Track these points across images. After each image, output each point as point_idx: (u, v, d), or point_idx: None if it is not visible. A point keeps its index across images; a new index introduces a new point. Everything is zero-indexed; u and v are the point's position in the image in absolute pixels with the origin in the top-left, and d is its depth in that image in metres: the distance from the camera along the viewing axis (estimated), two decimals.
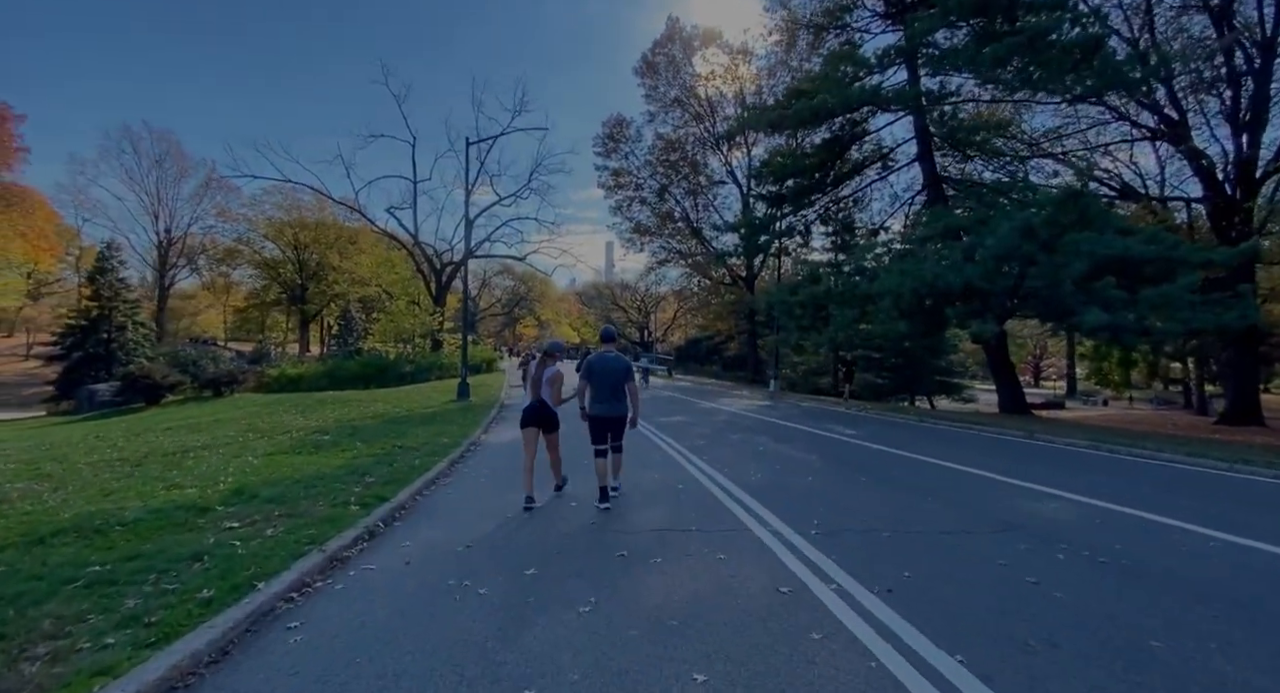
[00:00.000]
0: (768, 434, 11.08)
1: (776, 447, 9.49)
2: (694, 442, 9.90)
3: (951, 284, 12.07)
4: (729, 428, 12.03)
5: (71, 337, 29.93)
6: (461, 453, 8.76)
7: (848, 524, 4.97)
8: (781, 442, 10.10)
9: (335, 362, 32.05)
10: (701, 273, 37.20)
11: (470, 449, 9.38)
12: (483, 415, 13.82)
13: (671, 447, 9.42)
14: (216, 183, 54.26)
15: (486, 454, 8.95)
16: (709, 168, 36.57)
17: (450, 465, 7.81)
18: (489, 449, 9.44)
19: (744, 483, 6.63)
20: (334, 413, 13.74)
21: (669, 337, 62.45)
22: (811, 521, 5.06)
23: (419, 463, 7.52)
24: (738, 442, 10.05)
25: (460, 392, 17.57)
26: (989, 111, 19.19)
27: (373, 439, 9.63)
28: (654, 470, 7.52)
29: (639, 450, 9.05)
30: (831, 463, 8.02)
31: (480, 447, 9.72)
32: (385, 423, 11.97)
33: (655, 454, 8.76)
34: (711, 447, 9.43)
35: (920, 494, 6.07)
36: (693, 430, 11.48)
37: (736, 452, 8.95)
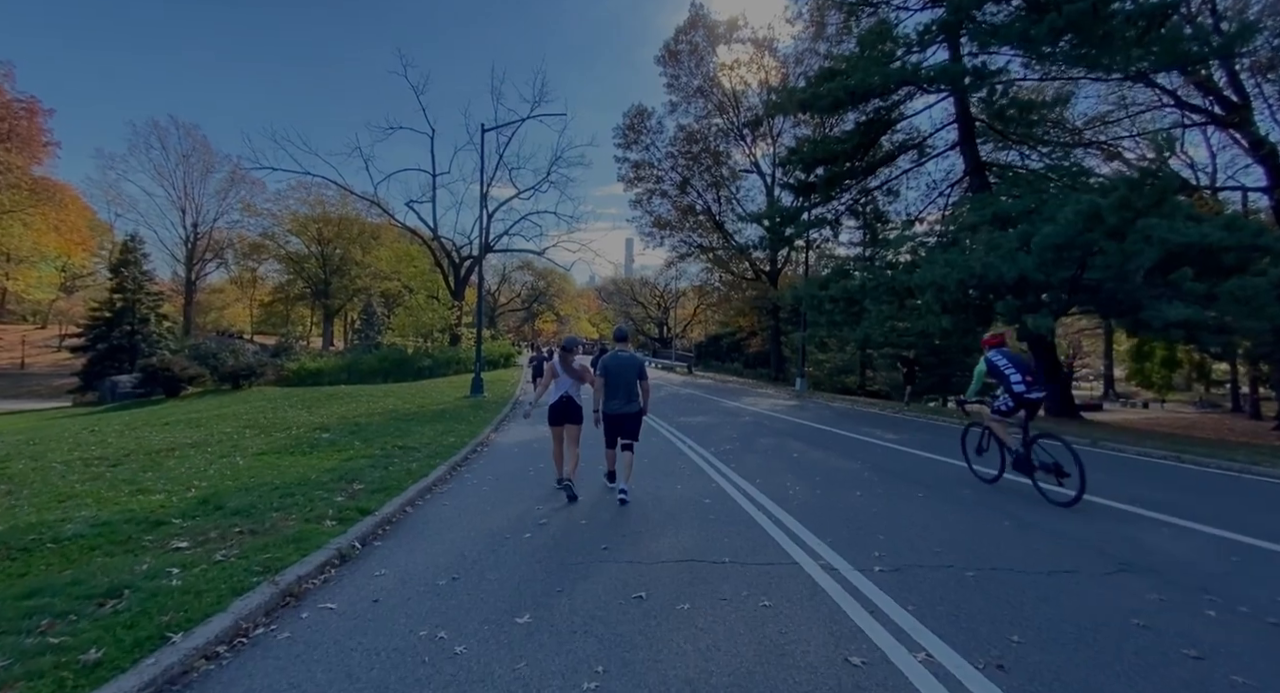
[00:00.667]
0: (801, 439, 10.12)
1: (813, 454, 8.53)
2: (720, 447, 9.00)
3: (1003, 275, 10.92)
4: (757, 431, 11.09)
5: (96, 329, 30.12)
6: (465, 456, 8.00)
7: (917, 557, 4.04)
8: (818, 448, 9.14)
9: (354, 356, 31.80)
10: (723, 268, 36.12)
11: (476, 451, 8.61)
12: (495, 413, 13.09)
13: (696, 452, 8.53)
14: (241, 177, 54.70)
15: (493, 457, 8.17)
16: (732, 159, 35.48)
17: (451, 470, 7.03)
18: (497, 452, 8.66)
19: (782, 499, 5.71)
20: (341, 409, 13.13)
21: (688, 333, 61.40)
22: (871, 552, 4.14)
23: (416, 467, 6.75)
24: (769, 448, 9.11)
25: (474, 387, 16.90)
26: (1035, 94, 17.83)
27: (374, 438, 8.92)
28: (677, 481, 6.64)
29: (660, 456, 8.18)
30: (880, 475, 7.05)
31: (488, 448, 8.95)
32: (391, 420, 11.30)
33: (678, 461, 7.87)
34: (740, 453, 8.51)
35: (995, 516, 5.09)
36: (718, 433, 10.58)
37: (769, 460, 8.02)
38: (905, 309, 14.95)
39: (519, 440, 9.74)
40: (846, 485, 6.36)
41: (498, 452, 8.67)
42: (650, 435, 10.18)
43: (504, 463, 7.74)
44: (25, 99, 42.74)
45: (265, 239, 60.34)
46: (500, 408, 14.13)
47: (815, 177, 19.15)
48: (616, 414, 5.78)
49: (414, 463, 7.00)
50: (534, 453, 8.36)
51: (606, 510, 5.33)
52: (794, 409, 15.49)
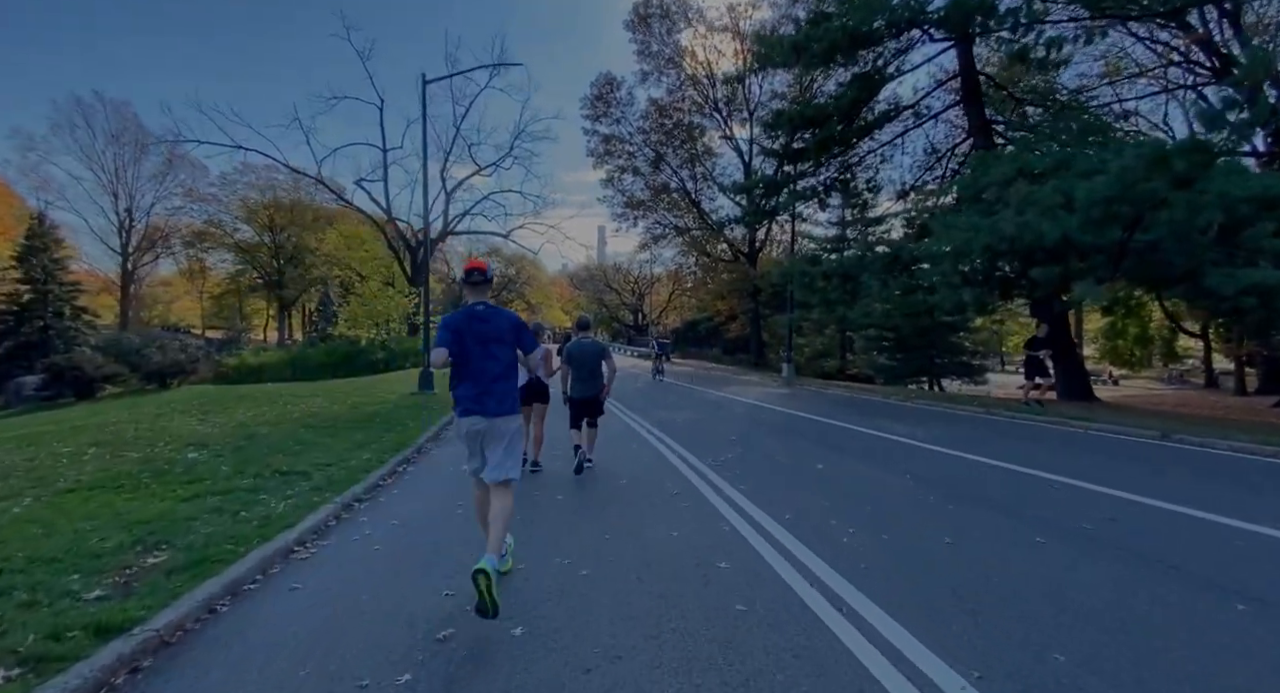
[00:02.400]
0: (811, 438, 8.12)
1: (839, 462, 6.52)
2: (719, 455, 6.92)
3: (1043, 237, 9.07)
4: (756, 428, 9.06)
5: (2, 324, 26.48)
6: (376, 482, 5.76)
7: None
8: (836, 451, 7.14)
9: (299, 350, 28.84)
10: (699, 249, 34.04)
11: (398, 472, 6.37)
12: (442, 413, 10.77)
13: (688, 463, 6.43)
14: (180, 160, 50.10)
15: (416, 483, 5.93)
16: (706, 135, 33.24)
17: (339, 512, 4.78)
18: (424, 473, 6.42)
19: (839, 556, 3.64)
20: (250, 412, 10.65)
21: (664, 319, 59.39)
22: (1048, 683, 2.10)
23: (281, 512, 4.49)
24: (779, 453, 7.08)
25: (422, 382, 14.50)
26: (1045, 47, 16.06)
27: (257, 458, 6.58)
28: (671, 519, 4.51)
29: (644, 472, 6.06)
30: (943, 495, 5.07)
31: (414, 467, 6.70)
32: (303, 428, 8.92)
33: (668, 481, 5.75)
34: (746, 464, 6.45)
35: (1182, 586, 3.14)
36: (711, 434, 8.51)
37: (786, 475, 5.98)
38: (912, 283, 13.06)
39: (459, 455, 7.50)
40: (913, 521, 4.34)
41: (425, 474, 6.43)
42: (629, 439, 8.05)
43: (426, 493, 5.52)
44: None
45: (211, 226, 55.83)
46: (449, 408, 11.82)
47: (803, 141, 17.11)
48: (581, 398, 6.20)
49: (283, 504, 4.73)
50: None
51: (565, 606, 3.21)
52: (786, 399, 13.55)
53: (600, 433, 6.62)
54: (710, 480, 5.66)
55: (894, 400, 13.19)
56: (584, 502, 5.07)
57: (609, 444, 7.68)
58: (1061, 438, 8.24)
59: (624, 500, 5.05)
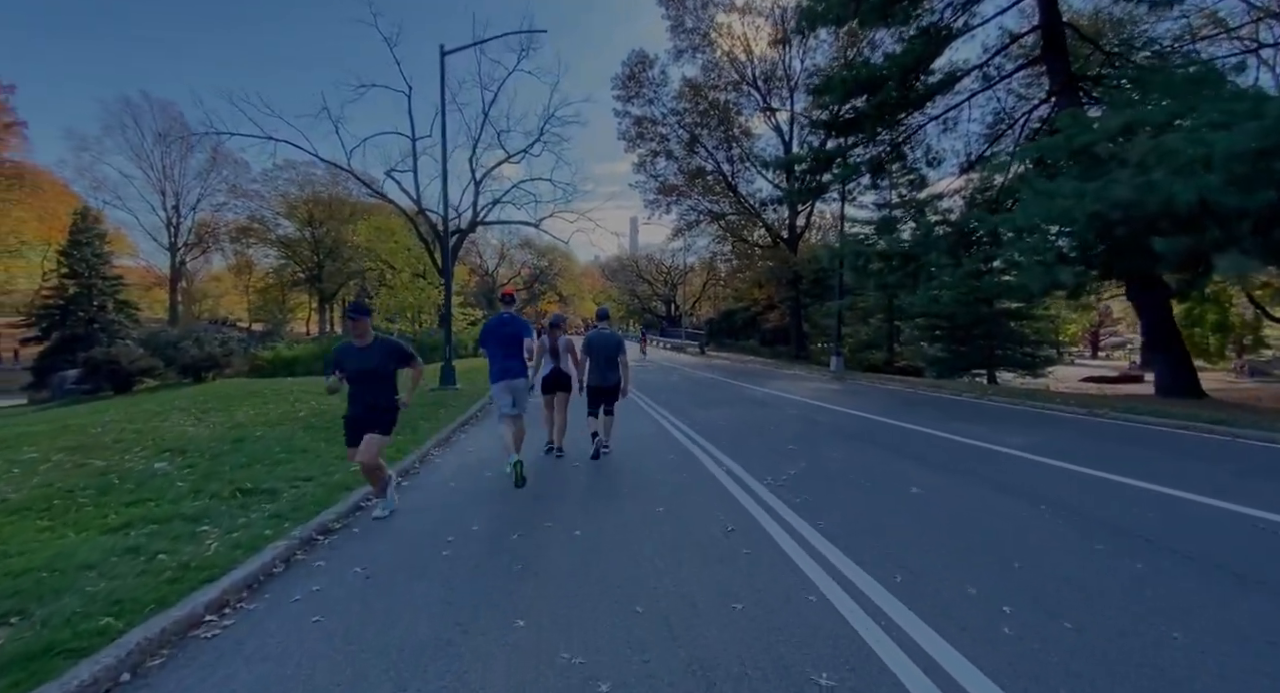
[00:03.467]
0: (886, 446, 6.67)
1: (937, 483, 5.08)
2: (777, 469, 5.57)
3: (1174, 201, 7.31)
4: (815, 433, 7.64)
5: (49, 317, 26.96)
6: (357, 503, 4.66)
7: None
8: (929, 466, 5.68)
9: (329, 342, 28.51)
10: (736, 235, 32.33)
11: (390, 489, 5.24)
12: (458, 413, 9.72)
13: (741, 483, 5.11)
14: (223, 158, 51.03)
15: (404, 509, 4.77)
16: (743, 116, 31.39)
17: (293, 552, 3.65)
18: (420, 492, 5.27)
19: (996, 652, 2.25)
20: (254, 410, 9.80)
21: (697, 310, 57.76)
22: None
23: (214, 552, 3.40)
24: (853, 468, 5.67)
25: (443, 377, 13.54)
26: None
27: (229, 470, 5.58)
28: (727, 580, 3.17)
29: (686, 492, 4.74)
30: (1120, 542, 3.60)
31: (409, 483, 5.56)
32: (303, 428, 7.95)
33: (720, 507, 4.44)
34: (815, 485, 5.08)
35: None
36: (763, 441, 7.14)
37: (873, 502, 4.58)
38: (984, 264, 11.30)
39: (470, 461, 6.36)
40: (1096, 588, 2.91)
41: (420, 493, 5.28)
42: (665, 446, 6.75)
43: (410, 527, 4.35)
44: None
45: (254, 222, 56.90)
46: (469, 404, 10.76)
47: (854, 111, 15.36)
48: (599, 386, 6.33)
49: (223, 540, 3.64)
50: (478, 493, 4.99)
51: None
52: (840, 395, 12.01)
53: (633, 440, 6.22)
54: (775, 511, 4.32)
55: (966, 397, 11.50)
56: (611, 541, 3.81)
57: (641, 454, 6.42)
58: (1218, 450, 6.55)
59: (661, 543, 3.76)
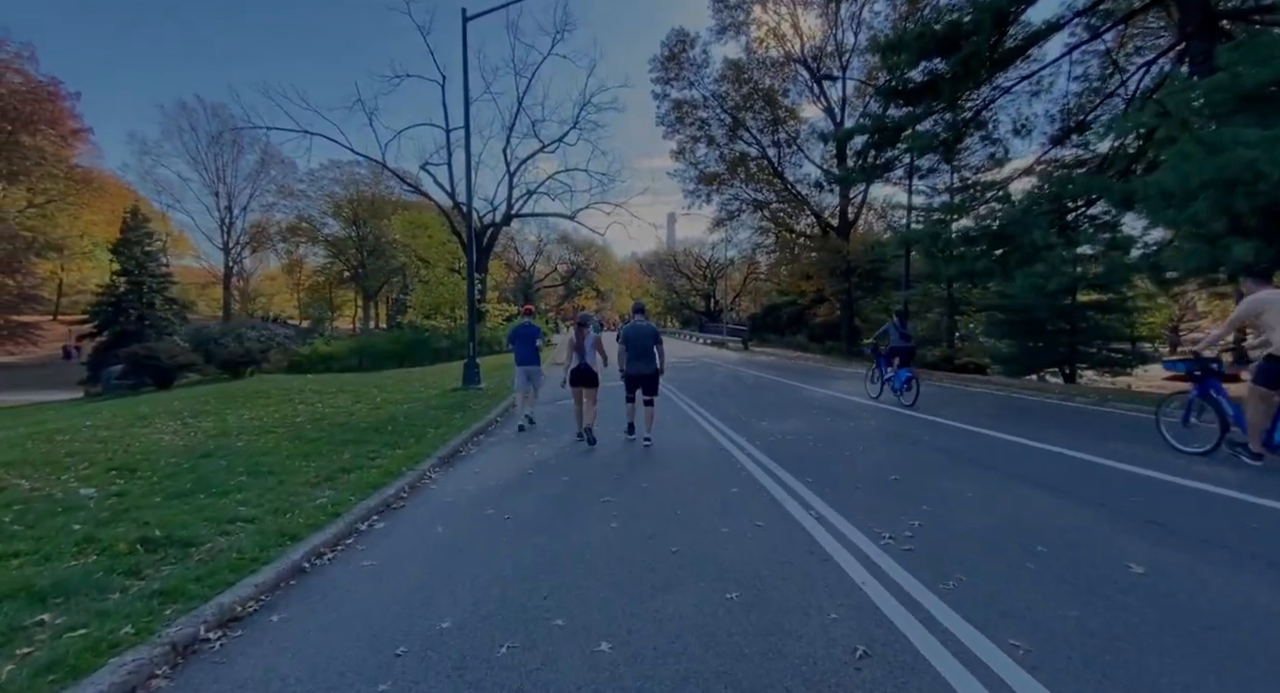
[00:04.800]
0: (1026, 479, 4.83)
1: (1163, 556, 3.27)
2: (888, 516, 3.88)
3: None
4: (916, 454, 5.85)
5: (101, 314, 27.36)
6: (301, 562, 3.24)
7: None
8: (1132, 523, 3.85)
9: (364, 339, 28.06)
10: (781, 224, 30.18)
11: (358, 532, 3.88)
12: (477, 417, 8.36)
13: (846, 542, 3.43)
14: (271, 158, 51.96)
15: (384, 556, 3.33)
16: (789, 98, 29.14)
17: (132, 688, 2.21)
18: (408, 530, 3.85)
19: None
20: (252, 413, 8.70)
21: (738, 304, 55.55)
22: None
23: (60, 661, 1.97)
24: (1002, 515, 3.90)
25: (467, 377, 12.28)
26: None
27: (159, 503, 4.29)
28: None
29: (765, 559, 3.05)
30: None
31: (387, 525, 4.15)
32: (290, 439, 6.71)
33: (825, 595, 2.77)
34: (959, 548, 3.36)
35: None
36: (851, 464, 5.43)
37: (1069, 585, 2.83)
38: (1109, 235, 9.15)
39: (471, 492, 4.91)
40: None
41: (397, 536, 3.85)
42: (725, 474, 5.10)
43: (359, 603, 2.89)
44: (47, 81, 40.50)
45: (302, 221, 57.97)
46: (491, 407, 9.41)
47: (931, 71, 13.24)
48: (635, 374, 6.52)
49: (27, 661, 2.23)
50: (469, 551, 3.51)
51: None
52: (928, 403, 10.05)
53: (681, 459, 5.68)
54: (925, 612, 2.65)
55: (1080, 402, 9.38)
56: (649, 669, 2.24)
57: (692, 485, 4.83)
58: None
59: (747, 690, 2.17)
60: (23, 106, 38.96)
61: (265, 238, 59.44)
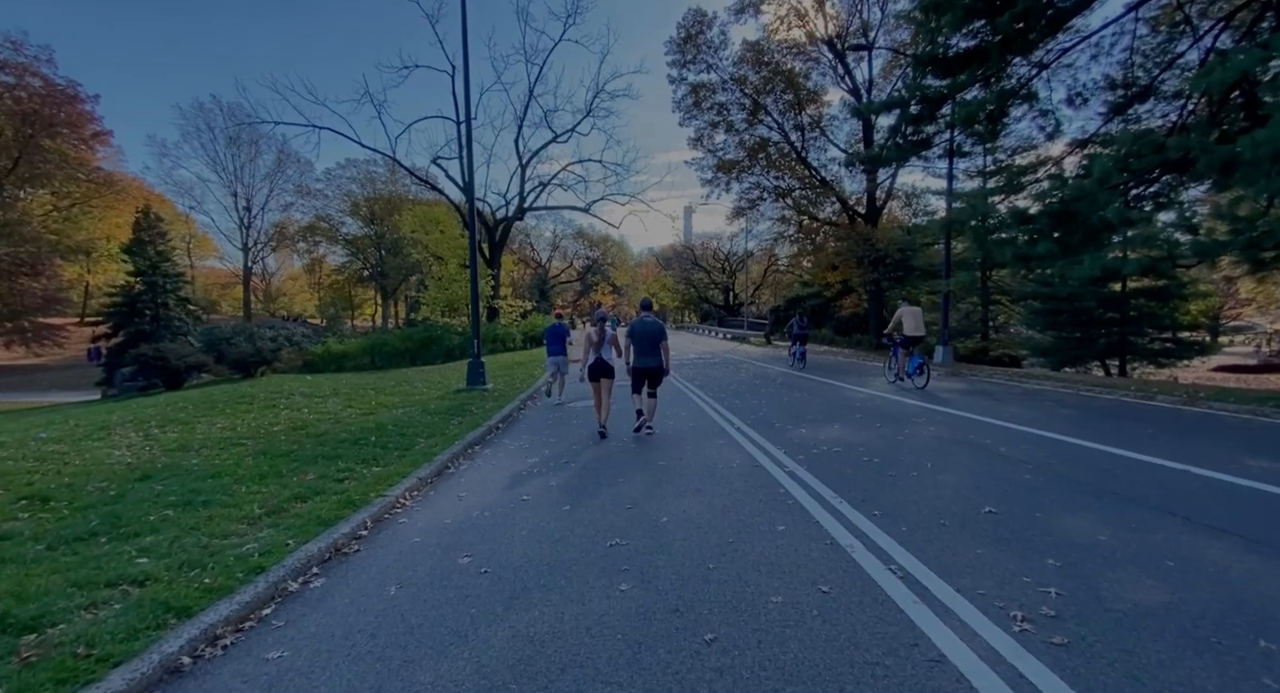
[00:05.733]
0: (1171, 513, 3.65)
1: None
2: (1001, 573, 2.74)
3: None
4: (1003, 472, 4.66)
5: (116, 315, 27.12)
6: (175, 660, 2.18)
7: None
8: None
9: (376, 337, 27.40)
10: (805, 212, 28.72)
11: (280, 596, 2.83)
12: (472, 426, 7.36)
13: (955, 622, 2.27)
14: (288, 157, 51.81)
15: (308, 635, 2.29)
16: (811, 81, 27.61)
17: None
18: (352, 589, 2.79)
19: None
20: (230, 421, 7.81)
21: (757, 298, 54.06)
22: None
23: None
24: (1162, 574, 2.74)
25: (471, 377, 11.33)
26: None
27: (41, 552, 3.33)
28: None
29: (852, 674, 1.97)
30: None
31: (345, 567, 3.11)
32: (255, 455, 5.77)
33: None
34: (1127, 640, 2.20)
35: None
36: (925, 489, 4.27)
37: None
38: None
39: (448, 527, 3.87)
40: None
41: (334, 604, 2.82)
42: (766, 503, 3.97)
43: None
44: (66, 84, 40.60)
45: (320, 221, 57.90)
46: (495, 411, 8.40)
47: (977, 33, 11.85)
48: (642, 367, 6.72)
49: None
50: (427, 628, 2.45)
51: None
52: (980, 401, 8.81)
53: (710, 481, 4.82)
54: None
55: (1163, 401, 8.05)
56: None
57: (728, 521, 3.73)
58: None
59: None
60: (42, 109, 39.05)
61: (285, 238, 59.49)
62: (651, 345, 6.68)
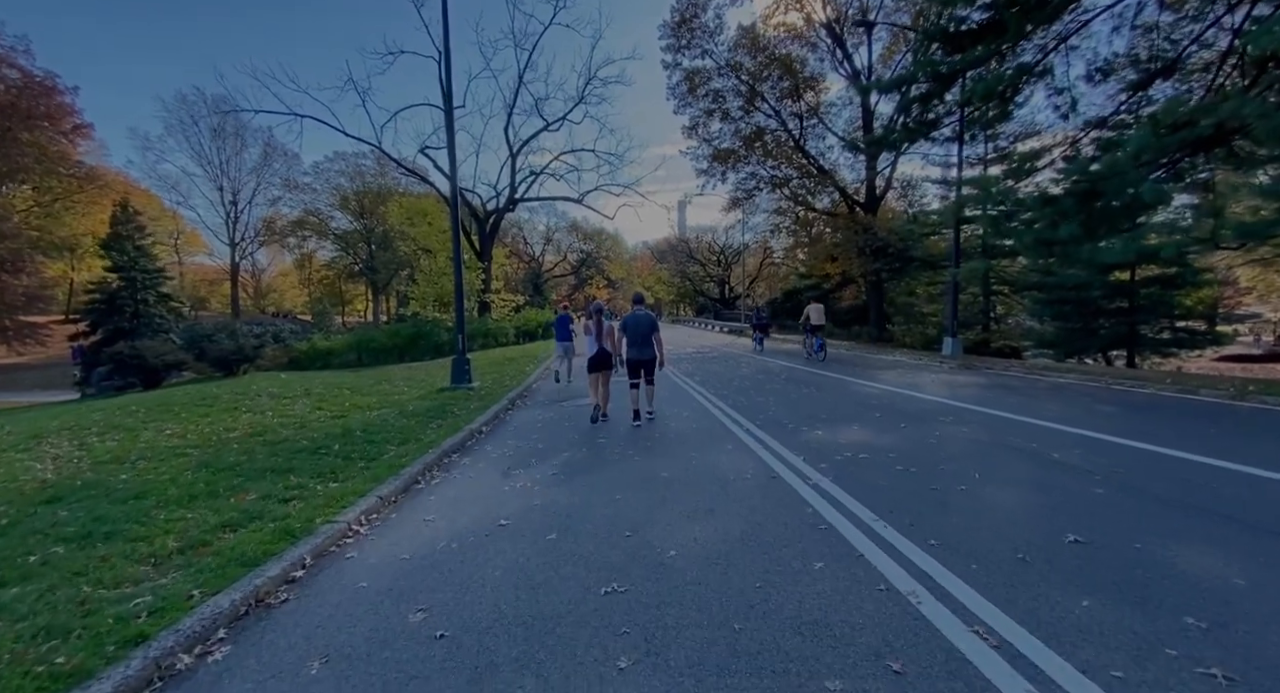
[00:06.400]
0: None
1: None
2: (1150, 651, 1.97)
3: None
4: (1067, 485, 3.93)
5: (93, 312, 26.10)
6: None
7: None
8: None
9: (362, 333, 26.53)
10: (802, 202, 27.94)
11: (178, 670, 2.01)
12: (451, 431, 6.58)
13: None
14: (274, 150, 50.52)
15: None
16: (808, 68, 26.75)
17: None
18: (286, 655, 2.01)
19: None
20: (175, 428, 7.00)
21: (752, 290, 53.35)
22: None
23: None
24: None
25: (455, 375, 10.52)
26: None
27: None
28: None
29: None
30: None
31: (260, 629, 2.31)
32: (195, 468, 4.99)
33: None
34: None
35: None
36: (980, 508, 3.52)
37: None
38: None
39: (407, 567, 3.08)
40: None
41: (243, 686, 2.04)
42: (793, 530, 3.15)
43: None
44: (44, 76, 39.13)
45: (309, 215, 56.65)
46: (478, 413, 7.62)
47: (992, 4, 11.07)
48: (636, 359, 6.96)
49: None
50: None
51: None
52: (1003, 395, 8.11)
53: (731, 510, 3.88)
54: None
55: (1208, 395, 7.37)
56: None
57: (754, 565, 2.93)
58: None
59: None
60: (19, 102, 37.64)
61: (273, 233, 58.19)
62: (645, 337, 6.94)
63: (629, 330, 6.98)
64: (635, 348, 6.96)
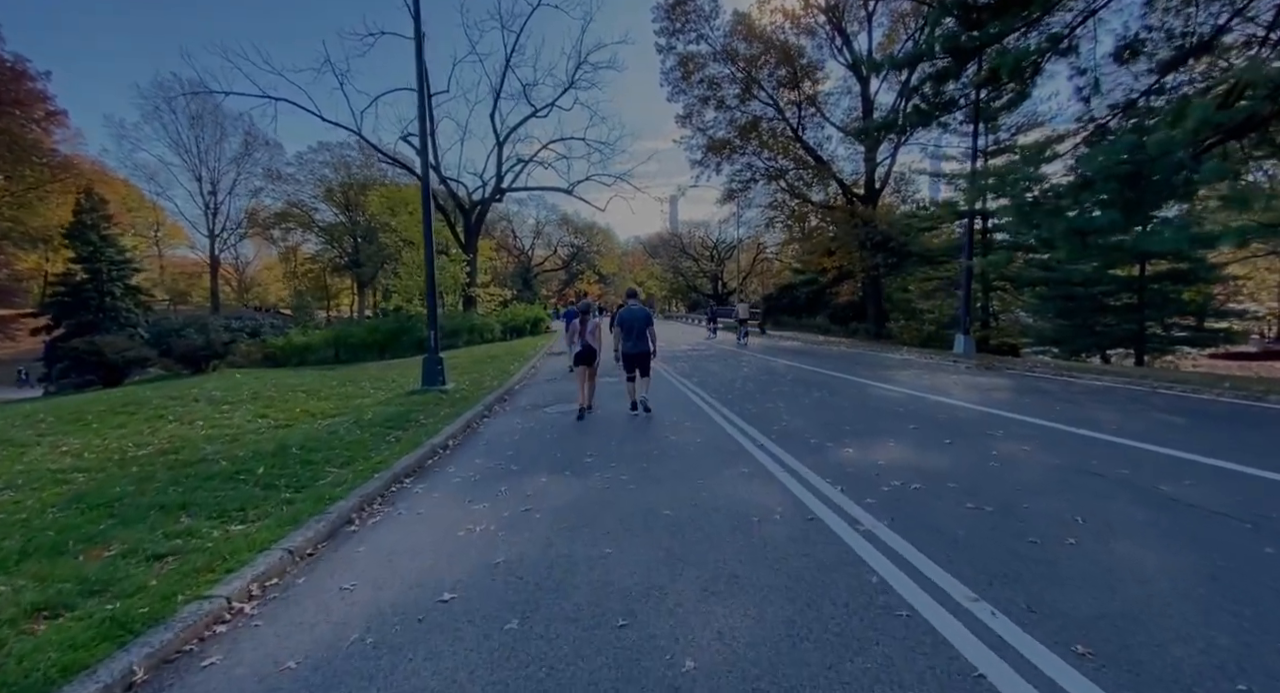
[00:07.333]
0: None
1: None
2: None
3: None
4: (1226, 539, 2.92)
5: (56, 306, 24.53)
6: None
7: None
8: None
9: (341, 328, 25.20)
10: (799, 195, 26.89)
11: None
12: (416, 441, 5.46)
13: None
14: (256, 140, 48.63)
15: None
16: (806, 57, 25.66)
17: None
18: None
19: None
20: (75, 443, 5.84)
21: (746, 286, 52.39)
22: None
23: None
24: None
25: (427, 376, 9.41)
26: None
27: None
28: None
29: None
30: None
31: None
32: (72, 500, 3.82)
33: None
34: None
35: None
36: (1148, 604, 2.47)
37: None
38: None
39: (326, 660, 1.97)
40: None
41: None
42: (860, 620, 2.03)
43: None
44: (13, 59, 37.04)
45: (292, 207, 54.79)
46: (446, 422, 6.49)
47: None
48: (630, 353, 6.98)
49: None
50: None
51: None
52: (1038, 400, 7.13)
53: (761, 581, 2.93)
54: None
55: (1275, 401, 6.44)
56: None
57: (804, 671, 1.85)
58: None
59: None
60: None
61: (256, 224, 56.27)
62: (638, 332, 6.94)
63: (623, 325, 6.94)
64: (630, 342, 6.96)
